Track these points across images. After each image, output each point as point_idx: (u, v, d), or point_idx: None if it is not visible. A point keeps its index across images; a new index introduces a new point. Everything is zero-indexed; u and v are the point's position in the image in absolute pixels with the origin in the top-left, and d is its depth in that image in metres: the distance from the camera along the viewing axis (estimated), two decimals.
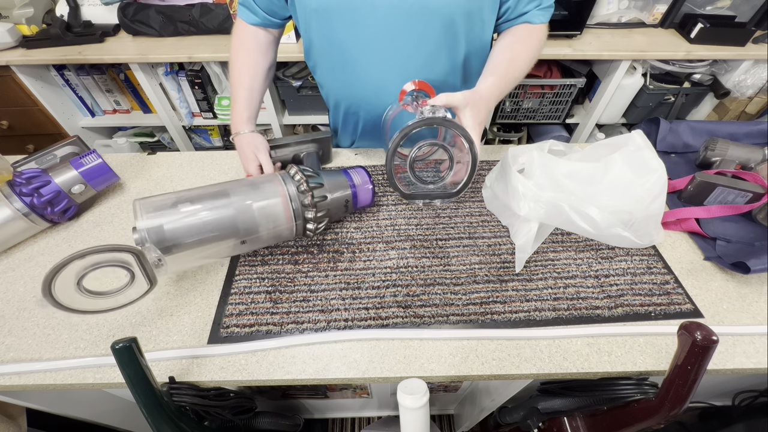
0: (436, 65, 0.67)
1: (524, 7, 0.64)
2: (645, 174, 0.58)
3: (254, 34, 0.71)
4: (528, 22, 0.65)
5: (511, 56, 0.64)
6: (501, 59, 0.64)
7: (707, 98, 1.54)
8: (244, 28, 0.71)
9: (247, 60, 0.71)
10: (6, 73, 1.37)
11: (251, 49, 0.72)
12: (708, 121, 0.86)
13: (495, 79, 0.61)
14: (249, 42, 0.72)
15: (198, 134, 1.79)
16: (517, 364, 0.49)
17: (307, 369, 0.49)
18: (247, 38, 0.72)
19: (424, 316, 0.54)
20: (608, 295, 0.56)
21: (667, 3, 1.38)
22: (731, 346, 0.50)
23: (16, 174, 0.61)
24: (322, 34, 0.66)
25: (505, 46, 0.65)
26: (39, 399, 0.63)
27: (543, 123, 1.70)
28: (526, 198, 0.58)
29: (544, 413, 0.60)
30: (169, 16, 1.38)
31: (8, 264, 0.61)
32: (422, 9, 0.59)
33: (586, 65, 1.54)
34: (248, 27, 0.71)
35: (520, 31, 0.66)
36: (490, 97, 0.59)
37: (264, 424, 0.70)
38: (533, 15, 0.64)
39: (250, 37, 0.71)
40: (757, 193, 0.63)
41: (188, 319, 0.54)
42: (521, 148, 0.66)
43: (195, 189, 0.55)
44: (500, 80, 0.61)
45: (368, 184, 0.63)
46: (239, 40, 0.72)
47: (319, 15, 0.63)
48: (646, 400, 0.47)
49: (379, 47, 0.64)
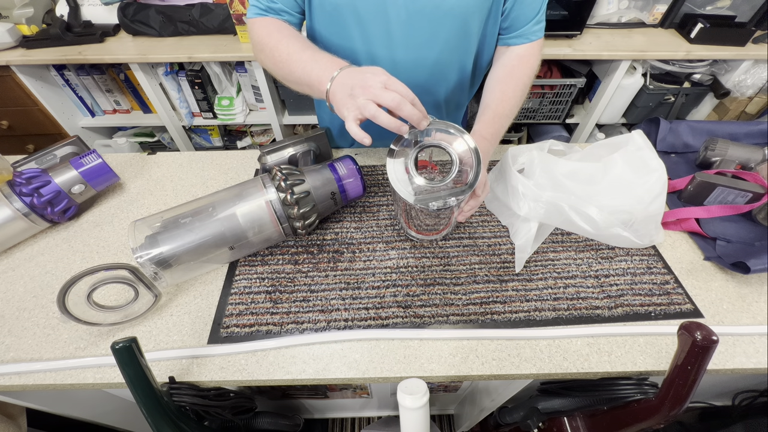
0: (446, 65, 0.67)
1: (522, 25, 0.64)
2: (645, 174, 0.58)
3: (274, 20, 0.62)
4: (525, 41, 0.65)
5: (501, 96, 0.63)
6: (492, 98, 0.63)
7: (707, 98, 1.54)
8: (262, 20, 0.62)
9: (285, 32, 0.59)
10: (6, 73, 1.36)
11: (282, 27, 0.60)
12: (708, 121, 0.86)
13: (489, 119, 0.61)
14: (274, 26, 0.61)
15: (198, 134, 1.79)
16: (517, 364, 0.49)
17: (307, 369, 0.49)
18: (269, 25, 0.61)
19: (424, 316, 0.54)
20: (608, 295, 0.56)
21: (667, 3, 1.38)
22: (731, 346, 0.50)
23: (16, 174, 0.61)
24: (332, 32, 0.65)
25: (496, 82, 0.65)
26: (39, 399, 0.63)
27: (543, 123, 1.70)
28: (525, 198, 0.58)
29: (544, 413, 0.60)
30: (169, 16, 1.38)
31: (8, 264, 0.61)
32: (435, 9, 0.59)
33: (586, 65, 1.54)
34: (265, 19, 0.62)
35: (511, 62, 0.66)
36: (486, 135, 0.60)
37: (264, 424, 0.70)
38: (531, 32, 0.64)
39: (272, 24, 0.62)
40: (757, 193, 0.63)
41: (188, 319, 0.54)
42: (521, 148, 0.66)
43: (182, 205, 0.57)
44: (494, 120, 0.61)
45: (355, 174, 0.61)
46: (265, 29, 0.61)
47: (330, 14, 0.62)
48: (646, 400, 0.47)
49: (389, 47, 0.64)
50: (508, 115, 0.63)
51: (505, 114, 0.62)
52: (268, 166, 0.67)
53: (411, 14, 0.59)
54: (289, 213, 0.56)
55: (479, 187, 0.53)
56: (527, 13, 0.63)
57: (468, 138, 0.48)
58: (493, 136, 0.60)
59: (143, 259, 0.50)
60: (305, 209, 0.57)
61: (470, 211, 0.56)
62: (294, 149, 0.71)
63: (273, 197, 0.55)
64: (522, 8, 0.62)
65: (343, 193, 0.61)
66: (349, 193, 0.62)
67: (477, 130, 0.60)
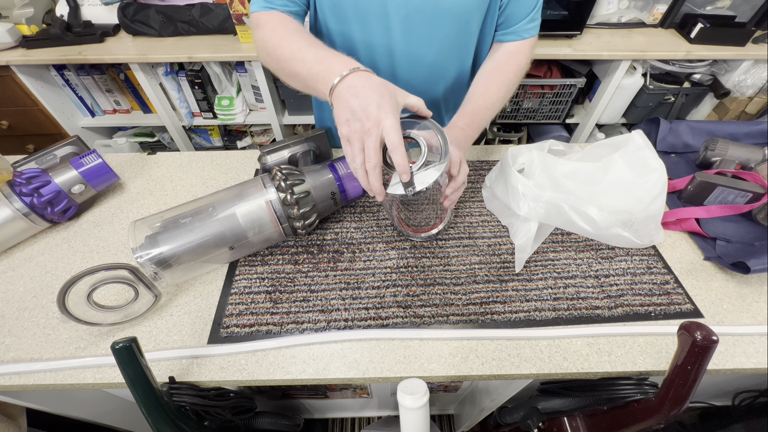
0: (445, 64, 0.68)
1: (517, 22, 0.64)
2: (645, 174, 0.58)
3: (278, 14, 0.60)
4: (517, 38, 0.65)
5: (484, 90, 0.64)
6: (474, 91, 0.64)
7: (707, 98, 1.54)
8: (267, 15, 0.60)
9: (289, 27, 0.57)
10: (6, 73, 1.37)
11: (287, 22, 0.59)
12: (708, 121, 0.86)
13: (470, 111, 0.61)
14: (278, 20, 0.59)
15: (198, 134, 1.79)
16: (517, 364, 0.49)
17: (307, 369, 0.49)
18: (274, 19, 0.59)
19: (424, 316, 0.54)
20: (608, 295, 0.56)
21: (667, 3, 1.38)
22: (731, 346, 0.50)
23: (16, 174, 0.61)
24: (332, 27, 0.65)
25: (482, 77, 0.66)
26: (39, 399, 0.63)
27: (543, 123, 1.70)
28: (525, 198, 0.58)
29: (544, 413, 0.60)
30: (169, 16, 1.38)
31: (8, 264, 0.61)
32: (434, 7, 0.59)
33: (586, 65, 1.54)
34: (270, 13, 0.60)
35: (500, 58, 0.66)
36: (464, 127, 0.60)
37: (264, 424, 0.70)
38: (524, 30, 0.65)
39: (276, 18, 0.59)
40: (757, 193, 0.63)
41: (188, 319, 0.54)
42: (521, 148, 0.66)
43: (182, 205, 0.57)
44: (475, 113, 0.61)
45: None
46: (269, 25, 0.59)
47: (331, 9, 0.62)
48: (646, 400, 0.47)
49: (388, 44, 0.64)
50: (489, 108, 0.63)
51: (486, 107, 0.62)
52: (268, 166, 0.67)
53: (410, 12, 0.59)
54: (289, 213, 0.56)
55: (453, 166, 0.51)
56: (521, 11, 0.63)
57: (430, 122, 0.49)
58: (469, 126, 0.60)
59: (143, 259, 0.50)
60: (305, 209, 0.57)
61: (454, 194, 0.54)
62: (294, 149, 0.71)
63: (273, 197, 0.55)
64: (517, 6, 0.62)
65: (343, 193, 0.61)
66: (349, 193, 0.62)
67: (453, 120, 0.61)
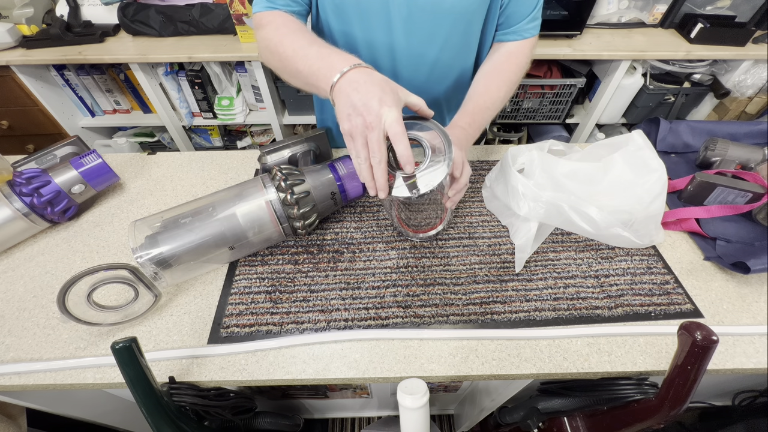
0: (447, 64, 0.68)
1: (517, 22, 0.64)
2: (645, 174, 0.58)
3: (281, 14, 0.60)
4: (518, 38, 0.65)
5: (484, 89, 0.64)
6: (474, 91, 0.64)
7: (707, 98, 1.54)
8: (269, 14, 0.60)
9: (292, 26, 0.57)
10: (6, 73, 1.37)
11: (289, 21, 0.58)
12: (708, 121, 0.86)
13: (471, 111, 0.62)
14: (281, 19, 0.59)
15: (198, 134, 1.79)
16: (517, 364, 0.49)
17: (307, 369, 0.49)
18: (276, 19, 0.59)
19: (424, 316, 0.54)
20: (608, 295, 0.56)
21: (667, 3, 1.38)
22: (731, 346, 0.50)
23: (16, 174, 0.61)
24: (335, 29, 0.65)
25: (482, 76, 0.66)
26: (39, 399, 0.63)
27: (543, 123, 1.70)
28: (525, 198, 0.58)
29: (544, 413, 0.60)
30: (169, 16, 1.38)
31: (8, 264, 0.61)
32: (435, 7, 0.59)
33: (586, 65, 1.54)
34: (272, 13, 0.60)
35: (500, 57, 0.66)
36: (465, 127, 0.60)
37: (264, 424, 0.70)
38: (524, 29, 0.65)
39: (279, 17, 0.59)
40: (757, 193, 0.63)
41: (188, 319, 0.54)
42: (521, 148, 0.66)
43: (182, 205, 0.57)
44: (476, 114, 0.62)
45: (355, 174, 0.60)
46: (271, 25, 0.58)
47: (333, 9, 0.62)
48: (646, 400, 0.47)
49: (390, 44, 0.64)
50: (489, 107, 0.63)
51: (486, 107, 0.62)
52: (268, 166, 0.67)
53: (412, 11, 0.59)
54: (289, 213, 0.56)
55: (456, 168, 0.51)
56: (522, 11, 0.63)
57: (431, 123, 0.49)
58: (470, 125, 0.60)
59: (143, 259, 0.50)
60: (305, 209, 0.57)
61: (456, 196, 0.54)
62: (294, 149, 0.71)
63: (273, 197, 0.55)
64: (518, 6, 0.62)
65: (343, 193, 0.61)
66: (349, 193, 0.62)
67: (454, 120, 0.61)
